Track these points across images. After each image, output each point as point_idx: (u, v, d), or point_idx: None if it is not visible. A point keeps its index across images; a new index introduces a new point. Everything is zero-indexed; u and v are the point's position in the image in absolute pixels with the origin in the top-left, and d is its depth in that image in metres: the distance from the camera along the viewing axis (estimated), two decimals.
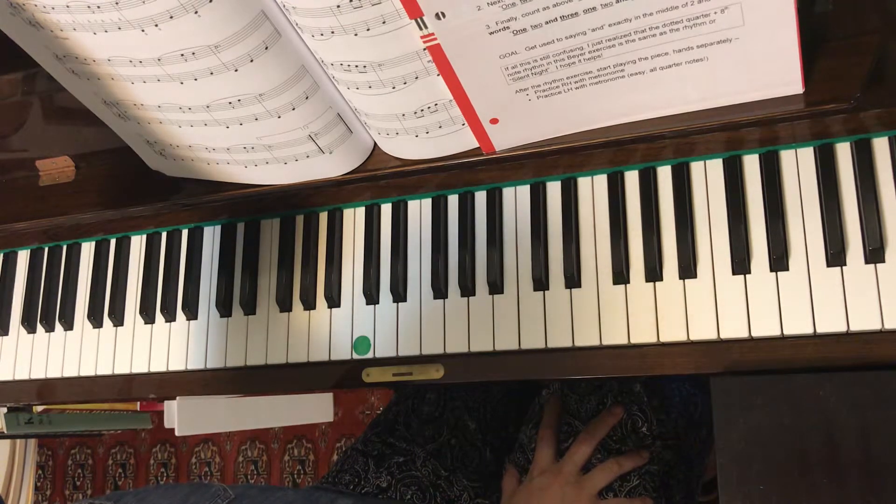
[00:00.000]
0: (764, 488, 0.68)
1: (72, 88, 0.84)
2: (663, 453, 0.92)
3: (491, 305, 0.84)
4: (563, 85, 0.72)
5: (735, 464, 0.69)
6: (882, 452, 0.66)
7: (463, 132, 0.79)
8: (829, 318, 0.72)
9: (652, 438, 0.92)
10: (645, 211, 0.80)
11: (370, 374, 0.87)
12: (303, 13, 0.69)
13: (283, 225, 0.95)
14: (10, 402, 1.05)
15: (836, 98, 0.70)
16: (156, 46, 0.73)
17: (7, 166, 1.01)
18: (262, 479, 1.94)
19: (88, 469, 2.13)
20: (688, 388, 0.98)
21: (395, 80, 0.74)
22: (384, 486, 0.98)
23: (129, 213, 0.98)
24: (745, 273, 0.76)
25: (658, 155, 0.81)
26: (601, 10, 0.65)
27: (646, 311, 0.78)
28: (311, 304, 0.91)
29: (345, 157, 0.84)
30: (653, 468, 0.90)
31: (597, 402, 0.94)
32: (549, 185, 0.85)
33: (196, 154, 0.87)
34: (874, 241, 0.72)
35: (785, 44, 0.67)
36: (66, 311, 1.01)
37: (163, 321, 0.97)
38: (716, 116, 0.73)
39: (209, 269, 0.97)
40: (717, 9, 0.65)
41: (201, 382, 0.95)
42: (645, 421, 0.92)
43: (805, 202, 0.76)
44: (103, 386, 0.99)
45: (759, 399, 0.70)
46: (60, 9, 0.71)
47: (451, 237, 0.87)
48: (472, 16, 0.66)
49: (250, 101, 0.77)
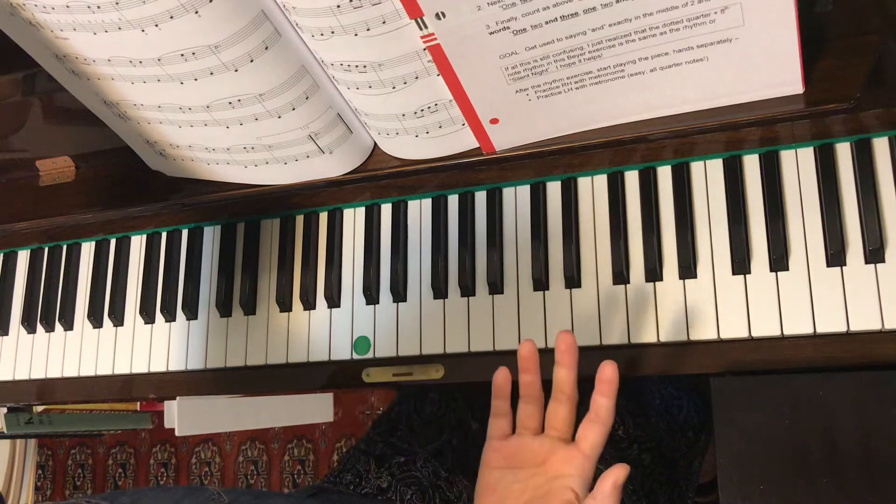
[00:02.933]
0: (764, 488, 0.68)
1: (72, 88, 0.84)
2: (641, 456, 0.92)
3: (491, 305, 0.84)
4: (563, 85, 0.72)
5: (735, 464, 0.69)
6: (882, 452, 0.66)
7: (463, 132, 0.79)
8: (829, 318, 0.72)
9: (628, 442, 0.92)
10: (645, 211, 0.80)
11: (370, 374, 0.87)
12: (303, 13, 0.69)
13: (283, 225, 0.95)
14: (10, 402, 1.05)
15: (836, 98, 0.70)
16: (156, 46, 0.73)
17: (7, 166, 1.01)
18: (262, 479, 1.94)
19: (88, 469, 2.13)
20: (671, 390, 0.98)
21: (395, 80, 0.74)
22: (384, 486, 0.98)
23: (129, 213, 0.98)
24: (745, 273, 0.76)
25: (658, 155, 0.81)
26: (601, 10, 0.65)
27: (646, 311, 0.78)
28: (311, 304, 0.91)
29: (345, 157, 0.84)
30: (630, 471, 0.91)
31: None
32: (549, 185, 0.85)
33: (196, 154, 0.87)
34: (874, 241, 0.72)
35: (785, 44, 0.67)
36: (66, 312, 1.01)
37: (163, 321, 0.97)
38: (716, 116, 0.73)
39: (209, 269, 0.97)
40: (717, 9, 0.65)
41: (201, 382, 0.95)
42: (621, 424, 0.92)
43: (805, 202, 0.76)
44: (103, 386, 0.99)
45: (759, 399, 0.70)
46: (60, 9, 0.71)
47: (451, 237, 0.87)
48: (472, 16, 0.66)
49: (250, 102, 0.77)
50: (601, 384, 0.67)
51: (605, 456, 0.89)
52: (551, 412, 0.70)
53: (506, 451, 0.70)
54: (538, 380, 0.71)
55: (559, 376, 0.70)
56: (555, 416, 0.69)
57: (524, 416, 0.71)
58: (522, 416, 0.71)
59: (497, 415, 0.71)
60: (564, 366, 0.69)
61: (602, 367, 0.67)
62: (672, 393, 0.98)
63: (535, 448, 0.69)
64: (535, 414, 0.70)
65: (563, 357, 0.69)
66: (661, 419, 0.95)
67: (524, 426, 0.70)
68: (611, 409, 0.68)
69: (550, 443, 0.69)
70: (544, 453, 0.69)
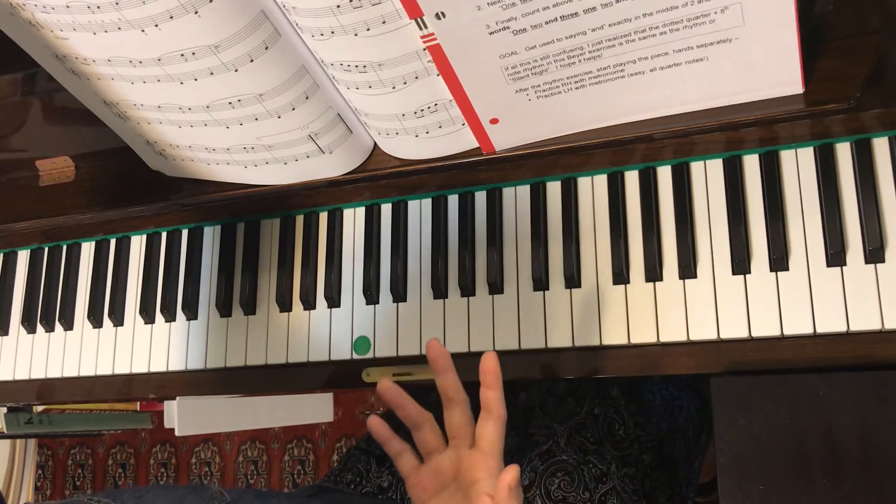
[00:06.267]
0: (764, 488, 0.68)
1: (72, 88, 0.84)
2: (642, 456, 0.92)
3: (491, 305, 0.84)
4: (563, 85, 0.72)
5: (735, 464, 0.69)
6: (882, 452, 0.66)
7: (463, 132, 0.79)
8: (829, 318, 0.72)
9: (629, 441, 0.92)
10: (645, 211, 0.80)
11: (370, 373, 0.87)
12: (303, 13, 0.69)
13: (283, 225, 0.95)
14: (10, 402, 1.05)
15: (836, 98, 0.70)
16: (156, 47, 0.73)
17: (7, 166, 1.01)
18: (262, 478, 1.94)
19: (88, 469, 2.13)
20: (671, 391, 0.98)
21: (395, 80, 0.74)
22: (385, 485, 0.98)
23: (129, 213, 0.98)
24: (745, 273, 0.76)
25: (658, 155, 0.81)
26: (601, 9, 0.65)
27: (646, 311, 0.78)
28: (311, 304, 0.91)
29: (345, 157, 0.84)
30: (630, 471, 0.90)
31: (574, 404, 0.94)
32: (549, 185, 0.85)
33: (196, 154, 0.87)
34: (874, 241, 0.72)
35: (785, 44, 0.67)
36: (66, 311, 1.01)
37: (163, 321, 0.97)
38: (716, 116, 0.73)
39: (209, 269, 0.97)
40: (717, 9, 0.64)
41: (201, 382, 0.95)
42: (622, 424, 0.92)
43: (805, 202, 0.76)
44: (103, 386, 0.99)
45: (759, 399, 0.70)
46: (60, 9, 0.71)
47: (451, 237, 0.87)
48: (472, 16, 0.66)
49: (250, 102, 0.77)
50: (485, 376, 0.67)
51: (607, 456, 0.89)
52: (446, 421, 0.70)
53: (424, 481, 0.69)
54: (416, 408, 0.71)
55: (440, 384, 0.70)
56: (450, 424, 0.70)
57: (420, 444, 0.71)
58: (419, 444, 0.71)
59: (396, 456, 0.71)
60: (442, 372, 0.69)
61: (483, 360, 0.67)
62: (672, 393, 0.98)
63: (444, 465, 0.69)
64: (429, 437, 0.70)
65: (437, 364, 0.69)
66: (661, 419, 0.95)
67: (426, 452, 0.71)
68: (500, 399, 0.68)
69: (455, 453, 0.69)
70: (454, 466, 0.69)
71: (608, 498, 0.87)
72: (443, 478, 0.69)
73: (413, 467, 0.70)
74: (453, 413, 0.69)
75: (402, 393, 0.70)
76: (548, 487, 0.88)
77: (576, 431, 0.92)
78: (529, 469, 0.90)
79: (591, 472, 0.88)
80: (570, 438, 0.91)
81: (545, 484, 0.88)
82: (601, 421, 0.92)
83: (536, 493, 0.88)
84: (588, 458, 0.89)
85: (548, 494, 0.87)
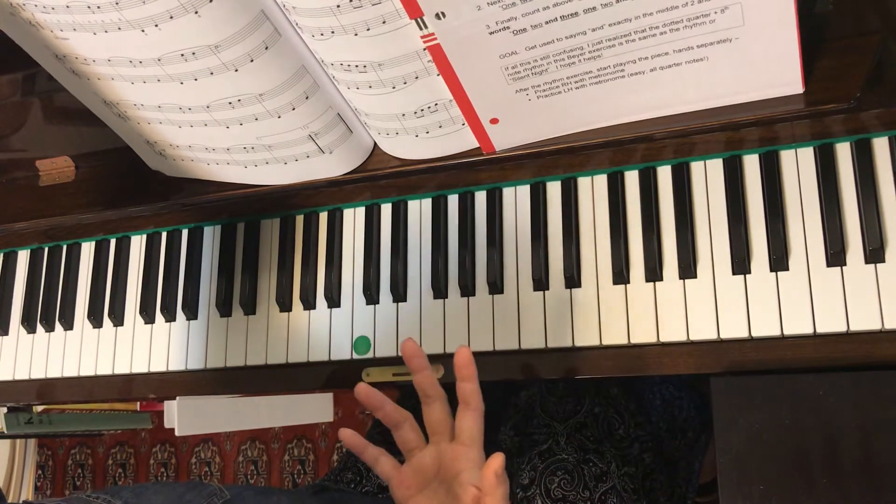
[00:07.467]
0: (764, 488, 0.68)
1: (72, 88, 0.84)
2: (642, 456, 0.92)
3: (491, 305, 0.84)
4: (564, 85, 0.72)
5: (735, 464, 0.69)
6: (882, 452, 0.66)
7: (463, 132, 0.79)
8: (829, 318, 0.72)
9: (629, 441, 0.92)
10: (645, 211, 0.80)
11: (370, 374, 0.87)
12: (303, 13, 0.69)
13: (283, 225, 0.95)
14: (10, 402, 1.05)
15: (836, 98, 0.70)
16: (156, 47, 0.73)
17: (7, 166, 1.01)
18: (262, 478, 1.94)
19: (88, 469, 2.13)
20: (671, 391, 0.98)
21: (395, 80, 0.74)
22: (385, 484, 0.98)
23: (129, 213, 0.98)
24: (745, 273, 0.76)
25: (658, 155, 0.81)
26: (601, 9, 0.65)
27: (646, 310, 0.78)
28: (311, 304, 0.91)
29: (345, 157, 0.84)
30: (630, 470, 0.90)
31: (574, 403, 0.94)
32: (549, 185, 0.85)
33: (196, 154, 0.87)
34: (874, 241, 0.72)
35: (785, 44, 0.67)
36: (66, 311, 1.01)
37: (163, 321, 0.97)
38: (716, 116, 0.73)
39: (209, 269, 0.97)
40: (717, 9, 0.65)
41: (201, 382, 0.95)
42: (622, 423, 0.92)
43: (805, 202, 0.76)
44: (103, 386, 0.99)
45: (759, 399, 0.70)
46: (60, 9, 0.71)
47: (451, 237, 0.87)
48: (472, 16, 0.66)
49: (250, 101, 0.77)
50: (461, 370, 0.68)
51: (607, 455, 0.90)
52: (426, 417, 0.71)
53: (407, 480, 0.70)
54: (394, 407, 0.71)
55: (417, 382, 0.70)
56: (429, 420, 0.70)
57: (401, 443, 0.71)
58: (400, 443, 0.71)
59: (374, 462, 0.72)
60: (418, 370, 0.70)
61: (458, 354, 0.68)
62: (672, 393, 0.98)
63: (426, 462, 0.69)
64: (409, 435, 0.70)
65: (413, 363, 0.70)
66: (661, 419, 0.95)
67: (407, 450, 0.71)
68: (477, 391, 0.69)
69: (436, 448, 0.69)
70: (436, 461, 0.69)
71: (608, 497, 0.87)
72: (425, 474, 0.69)
73: (394, 468, 0.71)
74: (432, 409, 0.70)
75: (379, 394, 0.71)
76: (548, 486, 0.88)
77: (576, 430, 0.92)
78: (529, 468, 0.90)
79: (591, 471, 0.88)
80: (571, 437, 0.91)
81: (545, 483, 0.88)
82: (601, 420, 0.93)
83: (536, 491, 0.88)
84: (588, 458, 0.89)
85: (548, 493, 0.87)
